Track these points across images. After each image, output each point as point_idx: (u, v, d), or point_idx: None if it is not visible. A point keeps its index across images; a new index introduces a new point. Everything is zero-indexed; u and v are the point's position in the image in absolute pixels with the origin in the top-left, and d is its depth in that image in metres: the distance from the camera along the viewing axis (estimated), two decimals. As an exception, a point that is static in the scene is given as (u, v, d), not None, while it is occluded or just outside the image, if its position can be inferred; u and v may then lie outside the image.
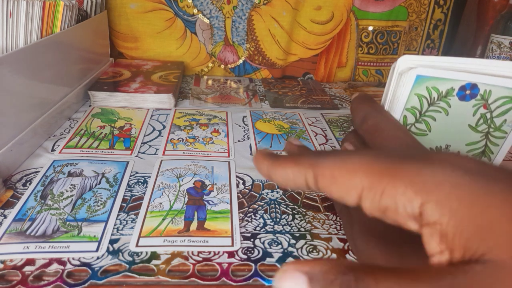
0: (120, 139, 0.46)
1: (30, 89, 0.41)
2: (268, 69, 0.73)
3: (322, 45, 0.72)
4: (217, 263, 0.28)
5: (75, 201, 0.34)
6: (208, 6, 0.68)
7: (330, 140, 0.49)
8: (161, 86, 0.57)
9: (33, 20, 0.44)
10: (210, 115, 0.54)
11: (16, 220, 0.31)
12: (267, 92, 0.65)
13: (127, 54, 0.71)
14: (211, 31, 0.70)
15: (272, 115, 0.56)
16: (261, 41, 0.71)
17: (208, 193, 0.37)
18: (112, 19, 0.67)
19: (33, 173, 0.38)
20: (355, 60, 0.74)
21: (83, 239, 0.30)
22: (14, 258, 0.28)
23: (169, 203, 0.35)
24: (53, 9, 0.47)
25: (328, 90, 0.69)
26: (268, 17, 0.69)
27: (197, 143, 0.46)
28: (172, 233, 0.31)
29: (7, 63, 0.37)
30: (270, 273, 0.28)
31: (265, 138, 0.49)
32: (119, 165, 0.40)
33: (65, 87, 0.50)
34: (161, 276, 0.27)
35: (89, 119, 0.50)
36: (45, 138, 0.45)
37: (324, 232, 0.33)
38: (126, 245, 0.30)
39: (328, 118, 0.56)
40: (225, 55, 0.72)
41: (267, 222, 0.33)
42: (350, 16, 0.71)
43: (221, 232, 0.32)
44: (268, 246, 0.30)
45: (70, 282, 0.26)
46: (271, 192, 0.38)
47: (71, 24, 0.51)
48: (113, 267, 0.28)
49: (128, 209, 0.34)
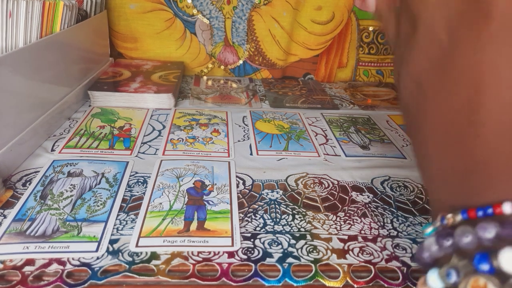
0: (120, 139, 0.46)
1: (30, 89, 0.41)
2: (268, 69, 0.73)
3: (323, 46, 0.72)
4: (217, 263, 0.28)
5: (75, 201, 0.34)
6: (207, 6, 0.68)
7: (330, 140, 0.49)
8: (161, 86, 0.57)
9: (33, 20, 0.44)
10: (210, 115, 0.54)
11: (16, 220, 0.31)
12: (267, 92, 0.65)
13: (126, 55, 0.71)
14: (211, 31, 0.70)
15: (272, 115, 0.56)
16: (261, 42, 0.71)
17: (208, 193, 0.37)
18: (112, 19, 0.67)
19: (33, 173, 0.38)
20: (355, 60, 0.74)
21: (83, 239, 0.30)
22: (14, 258, 0.28)
23: (169, 203, 0.35)
24: (53, 9, 0.47)
25: (328, 90, 0.69)
26: (268, 18, 0.69)
27: (197, 143, 0.46)
28: (172, 233, 0.31)
29: (7, 63, 0.37)
30: (270, 273, 0.28)
31: (265, 138, 0.49)
32: (119, 165, 0.40)
33: (65, 87, 0.50)
34: (161, 276, 0.27)
35: (89, 119, 0.50)
36: (45, 138, 0.45)
37: (324, 232, 0.33)
38: (126, 245, 0.30)
39: (328, 118, 0.56)
40: (225, 55, 0.72)
41: (267, 222, 0.33)
42: (350, 16, 0.71)
43: (221, 232, 0.31)
44: (268, 246, 0.30)
45: (70, 282, 0.26)
46: (271, 192, 0.38)
47: (71, 24, 0.51)
48: (113, 267, 0.28)
49: (128, 209, 0.34)
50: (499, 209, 0.17)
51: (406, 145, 0.49)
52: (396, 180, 0.41)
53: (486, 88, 0.17)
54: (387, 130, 0.53)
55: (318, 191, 0.38)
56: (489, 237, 0.17)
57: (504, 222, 0.16)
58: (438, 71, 0.20)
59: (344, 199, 0.38)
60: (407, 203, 0.38)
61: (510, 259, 0.15)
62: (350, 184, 0.40)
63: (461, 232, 0.18)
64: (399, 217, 0.35)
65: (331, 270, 0.29)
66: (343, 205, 0.37)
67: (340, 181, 0.41)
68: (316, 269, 0.29)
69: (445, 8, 0.19)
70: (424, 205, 0.37)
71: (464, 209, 0.18)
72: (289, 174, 0.41)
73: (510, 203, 0.17)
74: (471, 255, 0.17)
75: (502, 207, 0.17)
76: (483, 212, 0.18)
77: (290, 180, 0.40)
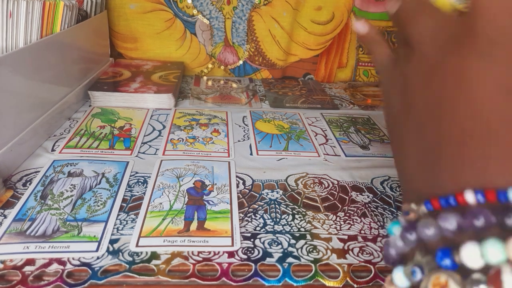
0: (120, 139, 0.46)
1: (30, 89, 0.41)
2: (268, 69, 0.73)
3: (323, 46, 0.72)
4: (217, 263, 0.28)
5: (75, 201, 0.34)
6: (208, 6, 0.68)
7: (330, 140, 0.49)
8: (161, 86, 0.57)
9: (33, 20, 0.44)
10: (210, 115, 0.54)
11: (16, 220, 0.31)
12: (267, 92, 0.65)
13: (126, 55, 0.71)
14: (211, 32, 0.70)
15: (272, 115, 0.56)
16: (261, 42, 0.71)
17: (208, 193, 0.37)
18: (112, 19, 0.67)
19: (33, 173, 0.38)
20: (355, 60, 0.74)
21: (83, 239, 0.30)
22: (14, 258, 0.28)
23: (169, 203, 0.35)
24: (53, 9, 0.47)
25: (328, 90, 0.69)
26: (268, 18, 0.69)
27: (197, 143, 0.46)
28: (172, 233, 0.31)
29: (7, 63, 0.37)
30: (270, 273, 0.28)
31: (265, 138, 0.49)
32: (119, 165, 0.40)
33: (65, 87, 0.50)
34: (161, 276, 0.27)
35: (89, 119, 0.50)
36: (45, 138, 0.45)
37: (324, 232, 0.33)
38: (126, 245, 0.30)
39: (328, 118, 0.56)
40: (225, 56, 0.72)
41: (267, 222, 0.33)
42: (350, 16, 0.71)
43: (221, 232, 0.31)
44: (268, 246, 0.30)
45: (70, 282, 0.26)
46: (271, 192, 0.38)
47: (71, 24, 0.51)
48: (113, 267, 0.28)
49: (128, 209, 0.34)
50: (462, 198, 0.16)
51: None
52: (396, 180, 0.41)
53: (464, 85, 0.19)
54: (386, 130, 0.54)
55: (318, 191, 0.39)
56: (450, 229, 0.16)
57: (465, 212, 0.16)
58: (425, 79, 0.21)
59: (344, 199, 0.38)
60: (407, 203, 0.38)
61: (471, 254, 0.15)
62: (350, 184, 0.40)
63: (423, 224, 0.17)
64: (399, 217, 0.35)
65: (331, 270, 0.29)
66: (343, 205, 0.37)
67: (340, 181, 0.41)
68: (316, 269, 0.29)
69: (433, 28, 0.21)
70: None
71: (427, 200, 0.18)
72: (289, 174, 0.41)
73: (471, 191, 0.16)
74: (434, 250, 0.16)
75: (464, 195, 0.16)
76: (445, 201, 0.17)
77: (290, 180, 0.40)
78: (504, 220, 0.15)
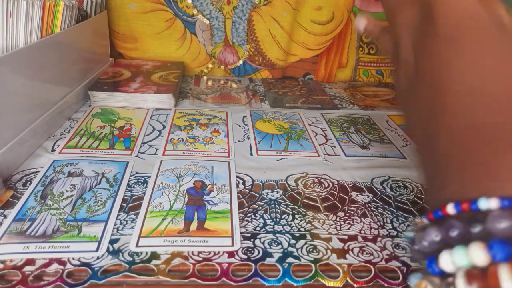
0: (120, 139, 0.46)
1: (30, 89, 0.41)
2: (268, 69, 0.73)
3: (323, 46, 0.72)
4: (217, 263, 0.28)
5: (75, 201, 0.34)
6: (208, 6, 0.68)
7: (330, 140, 0.49)
8: (161, 86, 0.57)
9: (33, 20, 0.44)
10: (210, 115, 0.54)
11: (16, 220, 0.31)
12: (267, 92, 0.65)
13: (126, 55, 0.71)
14: (211, 31, 0.70)
15: (272, 115, 0.56)
16: (261, 42, 0.71)
17: (208, 193, 0.37)
18: (112, 19, 0.67)
19: (33, 173, 0.38)
20: (355, 60, 0.74)
21: (83, 239, 0.30)
22: (14, 258, 0.28)
23: (169, 203, 0.35)
24: (53, 9, 0.47)
25: (328, 90, 0.69)
26: (268, 18, 0.69)
27: (197, 143, 0.46)
28: (172, 233, 0.31)
29: (7, 63, 0.37)
30: (270, 273, 0.28)
31: (265, 138, 0.49)
32: (119, 165, 0.40)
33: (65, 87, 0.50)
34: (161, 276, 0.27)
35: (89, 119, 0.50)
36: (45, 138, 0.45)
37: (324, 232, 0.33)
38: (126, 245, 0.30)
39: (328, 118, 0.56)
40: (225, 56, 0.72)
41: (267, 222, 0.33)
42: (350, 16, 0.71)
43: (221, 232, 0.32)
44: (268, 246, 0.30)
45: (70, 282, 0.26)
46: (271, 192, 0.38)
47: (71, 24, 0.51)
48: (113, 267, 0.28)
49: (128, 209, 0.34)
50: (445, 211, 0.18)
51: (406, 145, 0.49)
52: (396, 180, 0.41)
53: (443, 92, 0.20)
54: (387, 130, 0.54)
55: (318, 191, 0.39)
56: (436, 241, 0.18)
57: (442, 225, 0.18)
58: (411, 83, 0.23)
59: (344, 199, 0.38)
60: (407, 203, 0.38)
61: (445, 261, 0.17)
62: (350, 184, 0.40)
63: (419, 237, 0.19)
64: (399, 217, 0.35)
65: (331, 270, 0.29)
66: (343, 205, 0.37)
67: (340, 181, 0.41)
68: (316, 269, 0.29)
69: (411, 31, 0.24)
70: (424, 205, 0.37)
71: (425, 213, 0.20)
72: (289, 174, 0.41)
73: (452, 205, 0.18)
74: None
75: (446, 209, 0.18)
76: (435, 214, 0.19)
77: (290, 180, 0.40)
78: (470, 229, 0.17)
